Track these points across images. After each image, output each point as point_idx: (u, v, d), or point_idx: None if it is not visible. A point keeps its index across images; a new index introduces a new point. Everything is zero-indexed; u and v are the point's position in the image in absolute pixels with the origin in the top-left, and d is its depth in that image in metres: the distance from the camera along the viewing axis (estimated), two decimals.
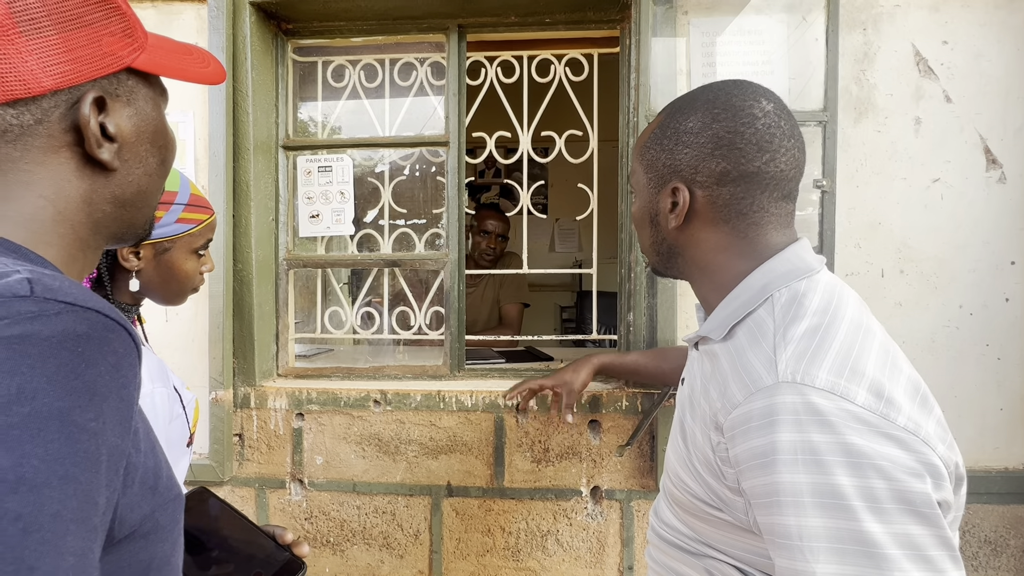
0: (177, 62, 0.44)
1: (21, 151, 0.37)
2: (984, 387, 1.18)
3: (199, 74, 0.45)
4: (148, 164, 0.43)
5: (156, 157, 0.44)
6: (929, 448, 0.44)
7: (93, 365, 0.30)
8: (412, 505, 1.27)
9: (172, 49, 0.45)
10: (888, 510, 0.41)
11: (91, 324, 0.31)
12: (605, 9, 1.27)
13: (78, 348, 0.30)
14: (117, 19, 0.39)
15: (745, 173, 0.54)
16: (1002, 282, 1.17)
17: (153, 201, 0.45)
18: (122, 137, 0.40)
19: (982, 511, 1.18)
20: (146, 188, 0.44)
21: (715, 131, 0.54)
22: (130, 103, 0.41)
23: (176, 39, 0.47)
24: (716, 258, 0.58)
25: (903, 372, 0.49)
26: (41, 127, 0.37)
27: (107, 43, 0.39)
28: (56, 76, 0.36)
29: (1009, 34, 1.16)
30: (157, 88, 0.44)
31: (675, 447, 0.62)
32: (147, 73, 0.42)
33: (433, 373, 1.34)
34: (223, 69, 0.48)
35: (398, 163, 1.39)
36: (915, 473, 0.42)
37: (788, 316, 0.51)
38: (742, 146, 0.53)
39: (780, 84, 1.17)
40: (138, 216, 0.44)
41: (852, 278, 1.18)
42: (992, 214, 1.17)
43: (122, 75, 0.40)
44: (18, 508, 0.26)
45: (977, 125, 1.17)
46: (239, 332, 1.29)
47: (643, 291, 1.20)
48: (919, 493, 0.42)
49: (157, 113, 0.44)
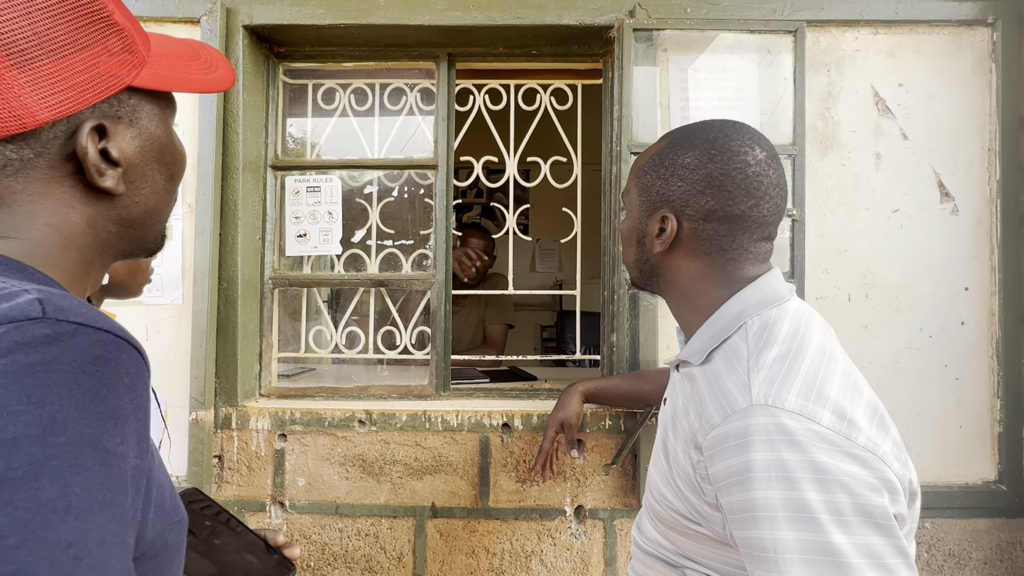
0: (181, 71, 0.42)
1: (23, 184, 0.36)
2: (944, 406, 1.25)
3: (204, 82, 0.43)
4: (155, 182, 0.42)
5: (163, 174, 0.43)
6: (886, 466, 0.48)
7: (112, 389, 0.31)
8: (396, 527, 1.26)
9: (176, 55, 0.43)
10: (851, 522, 0.45)
11: (105, 345, 0.32)
12: (589, 43, 1.33)
13: (97, 372, 0.31)
14: (114, 37, 0.38)
15: (730, 214, 0.58)
16: (958, 307, 1.25)
17: (163, 217, 0.44)
18: (126, 160, 0.39)
19: (946, 525, 1.23)
20: (154, 206, 0.43)
21: (709, 171, 0.58)
22: (133, 124, 0.40)
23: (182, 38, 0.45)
24: (695, 285, 0.62)
25: (863, 395, 0.53)
26: (41, 159, 0.36)
27: (105, 65, 0.37)
28: (52, 108, 0.35)
29: (957, 79, 1.26)
30: (162, 101, 0.42)
31: (658, 465, 0.65)
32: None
33: (419, 393, 1.35)
34: (232, 73, 0.46)
35: (387, 185, 1.42)
36: (874, 488, 0.46)
37: (760, 343, 0.55)
38: (731, 189, 0.58)
39: (752, 118, 1.24)
40: (147, 233, 0.44)
41: (821, 302, 1.25)
42: (947, 243, 1.26)
43: (123, 95, 0.39)
44: (69, 536, 0.27)
45: (931, 161, 1.26)
46: (222, 351, 1.27)
47: (625, 313, 1.24)
48: (878, 506, 0.46)
49: (163, 129, 0.42)
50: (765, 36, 1.22)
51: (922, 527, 1.23)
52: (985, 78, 1.26)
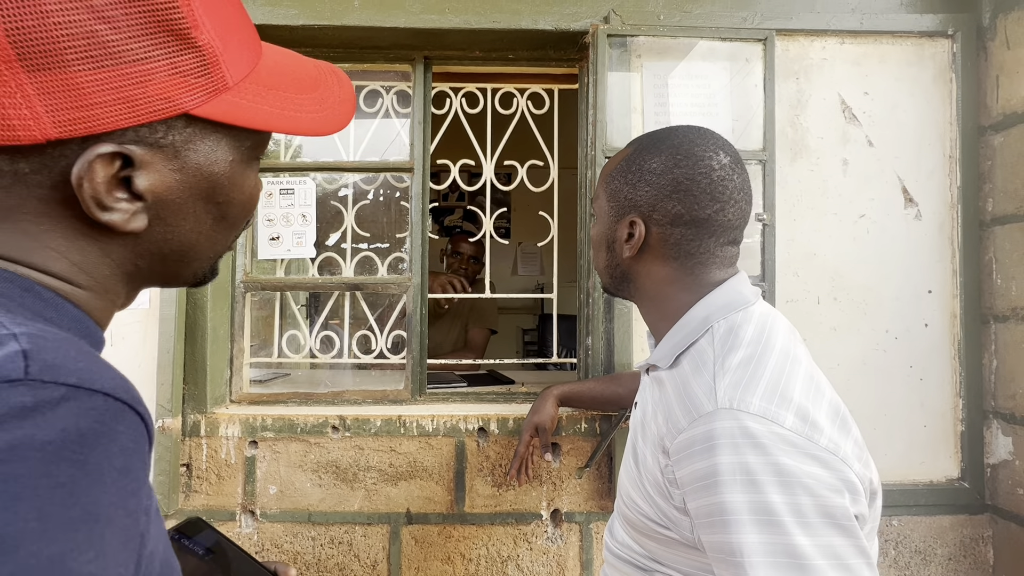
0: (277, 104, 0.35)
1: (18, 200, 0.30)
2: (910, 406, 1.28)
3: (297, 121, 0.36)
4: (200, 222, 0.35)
5: (212, 214, 0.36)
6: (847, 466, 0.49)
7: (97, 479, 0.24)
8: (370, 534, 1.24)
9: (281, 84, 0.36)
10: (814, 524, 0.46)
11: (98, 415, 0.25)
12: (565, 48, 1.34)
13: (80, 456, 0.24)
14: (189, 55, 0.31)
15: (696, 218, 0.59)
16: (921, 309, 1.29)
17: (210, 255, 0.38)
18: (156, 195, 0.32)
19: (911, 523, 1.26)
20: (194, 244, 0.36)
21: (675, 176, 0.59)
22: (179, 156, 0.33)
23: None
24: (664, 289, 0.63)
25: (825, 396, 0.54)
26: (40, 176, 0.30)
27: (160, 84, 0.30)
28: (62, 125, 0.28)
29: (920, 88, 1.30)
30: (241, 135, 0.35)
31: (627, 469, 0.66)
32: None
33: (394, 398, 1.33)
34: (348, 115, 0.38)
35: (362, 187, 1.40)
36: (835, 489, 0.47)
37: (726, 346, 0.56)
38: (697, 193, 0.59)
39: (724, 125, 1.27)
40: (185, 269, 0.37)
41: (792, 304, 1.27)
42: (911, 247, 1.29)
43: (176, 121, 0.32)
44: None
45: (895, 167, 1.29)
46: (191, 357, 1.24)
47: (600, 316, 1.24)
48: (839, 507, 0.46)
49: (224, 167, 0.35)
50: (736, 44, 1.25)
51: (889, 524, 1.26)
52: (946, 88, 1.30)
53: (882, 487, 0.56)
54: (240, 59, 0.34)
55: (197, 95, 0.32)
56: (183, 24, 0.31)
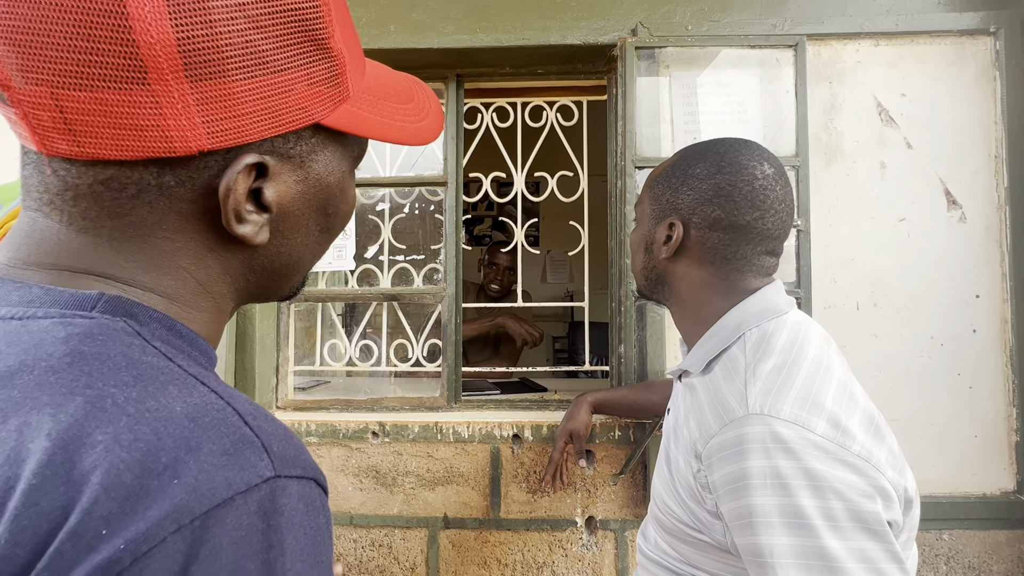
0: (386, 114, 0.35)
1: (159, 216, 0.29)
2: (959, 415, 1.23)
3: (408, 132, 0.36)
4: (309, 233, 0.35)
5: (320, 226, 0.35)
6: (880, 473, 0.49)
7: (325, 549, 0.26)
8: (409, 538, 1.27)
9: (386, 93, 0.36)
10: (845, 527, 0.46)
11: (310, 503, 0.26)
12: (593, 61, 1.37)
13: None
14: (323, 64, 0.30)
15: (735, 224, 0.61)
16: (968, 314, 1.24)
17: (308, 268, 0.38)
18: (280, 207, 0.32)
19: (964, 537, 1.21)
20: (299, 258, 0.36)
21: (717, 181, 0.61)
22: (303, 166, 0.32)
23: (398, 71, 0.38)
24: (698, 293, 0.64)
25: (859, 405, 0.54)
26: (183, 189, 0.29)
27: (299, 95, 0.30)
28: (216, 136, 0.28)
29: (960, 88, 1.27)
30: (351, 144, 0.35)
31: (661, 474, 0.67)
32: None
33: (430, 405, 1.37)
34: (441, 124, 0.38)
35: (398, 201, 1.46)
36: (867, 495, 0.47)
37: (758, 354, 0.57)
38: (737, 199, 0.60)
39: (755, 132, 1.26)
40: (285, 284, 0.37)
41: (829, 311, 1.25)
42: (956, 251, 1.25)
43: (305, 131, 0.31)
44: None
45: (936, 169, 1.26)
46: (240, 365, 1.31)
47: (633, 324, 1.25)
48: (871, 512, 0.47)
49: (338, 177, 0.35)
50: (766, 51, 1.25)
51: (940, 538, 1.21)
52: (989, 86, 1.27)
53: (930, 499, 0.56)
54: (357, 68, 0.34)
55: (326, 105, 0.31)
56: (323, 33, 0.30)
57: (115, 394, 0.24)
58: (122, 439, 0.22)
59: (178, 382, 0.26)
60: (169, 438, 0.23)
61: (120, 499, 0.21)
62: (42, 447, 0.22)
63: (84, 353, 0.25)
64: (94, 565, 0.20)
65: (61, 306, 0.27)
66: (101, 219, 0.29)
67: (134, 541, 0.21)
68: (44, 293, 0.28)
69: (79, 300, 0.28)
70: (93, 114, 0.26)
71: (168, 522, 0.21)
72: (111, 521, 0.21)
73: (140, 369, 0.26)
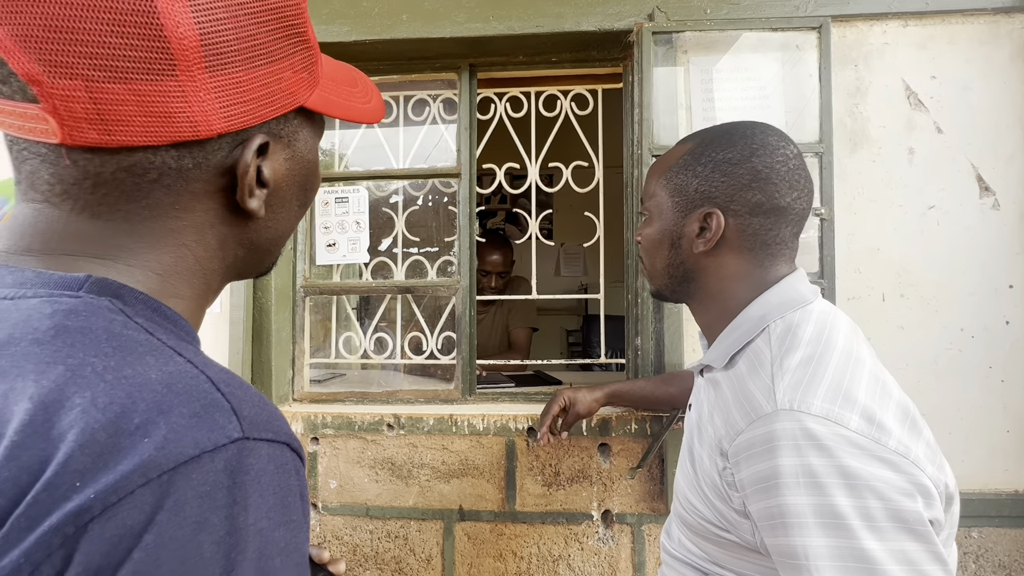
0: (344, 96, 0.39)
1: (173, 197, 0.32)
2: (990, 409, 1.19)
3: (363, 111, 0.40)
4: (291, 208, 0.39)
5: (300, 200, 0.39)
6: (919, 469, 0.46)
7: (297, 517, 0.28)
8: (424, 529, 1.28)
9: (339, 79, 0.40)
10: (884, 528, 0.44)
11: (281, 466, 0.27)
12: (608, 48, 1.34)
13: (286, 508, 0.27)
14: (302, 52, 0.35)
15: (777, 206, 0.59)
16: (1002, 305, 1.20)
17: (284, 243, 0.41)
18: (275, 183, 0.36)
19: (995, 535, 1.18)
20: (283, 232, 0.39)
21: (753, 164, 0.59)
22: (290, 145, 0.36)
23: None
24: (729, 286, 0.61)
25: (893, 398, 0.52)
26: (198, 171, 0.32)
27: (287, 81, 0.34)
28: (231, 119, 0.31)
29: (994, 68, 1.21)
30: (317, 125, 0.39)
31: (684, 471, 0.65)
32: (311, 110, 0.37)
33: (445, 397, 1.37)
34: (383, 106, 0.43)
35: (411, 194, 1.45)
36: (907, 493, 0.45)
37: (784, 347, 0.54)
38: (776, 181, 0.58)
39: (776, 118, 1.23)
40: (266, 259, 0.40)
41: (854, 302, 1.21)
42: (988, 239, 1.20)
43: (290, 114, 0.35)
44: None
45: (968, 154, 1.21)
46: (257, 358, 1.32)
47: (650, 316, 1.23)
48: (911, 511, 0.44)
49: (313, 154, 0.39)
50: (788, 33, 1.21)
51: (969, 536, 1.17)
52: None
53: (961, 496, 0.53)
54: (320, 56, 0.37)
55: (306, 90, 0.36)
56: (302, 25, 0.34)
57: (95, 363, 0.26)
58: (98, 402, 0.24)
59: (156, 352, 0.28)
60: (143, 401, 0.25)
61: (94, 455, 0.23)
62: (24, 408, 0.24)
63: (68, 327, 0.27)
64: (66, 512, 0.22)
65: (50, 287, 0.29)
66: (119, 203, 0.31)
67: (104, 492, 0.22)
68: (36, 276, 0.29)
69: (67, 281, 0.29)
70: (126, 104, 0.28)
71: (137, 476, 0.23)
72: (84, 474, 0.23)
73: (120, 341, 0.27)
